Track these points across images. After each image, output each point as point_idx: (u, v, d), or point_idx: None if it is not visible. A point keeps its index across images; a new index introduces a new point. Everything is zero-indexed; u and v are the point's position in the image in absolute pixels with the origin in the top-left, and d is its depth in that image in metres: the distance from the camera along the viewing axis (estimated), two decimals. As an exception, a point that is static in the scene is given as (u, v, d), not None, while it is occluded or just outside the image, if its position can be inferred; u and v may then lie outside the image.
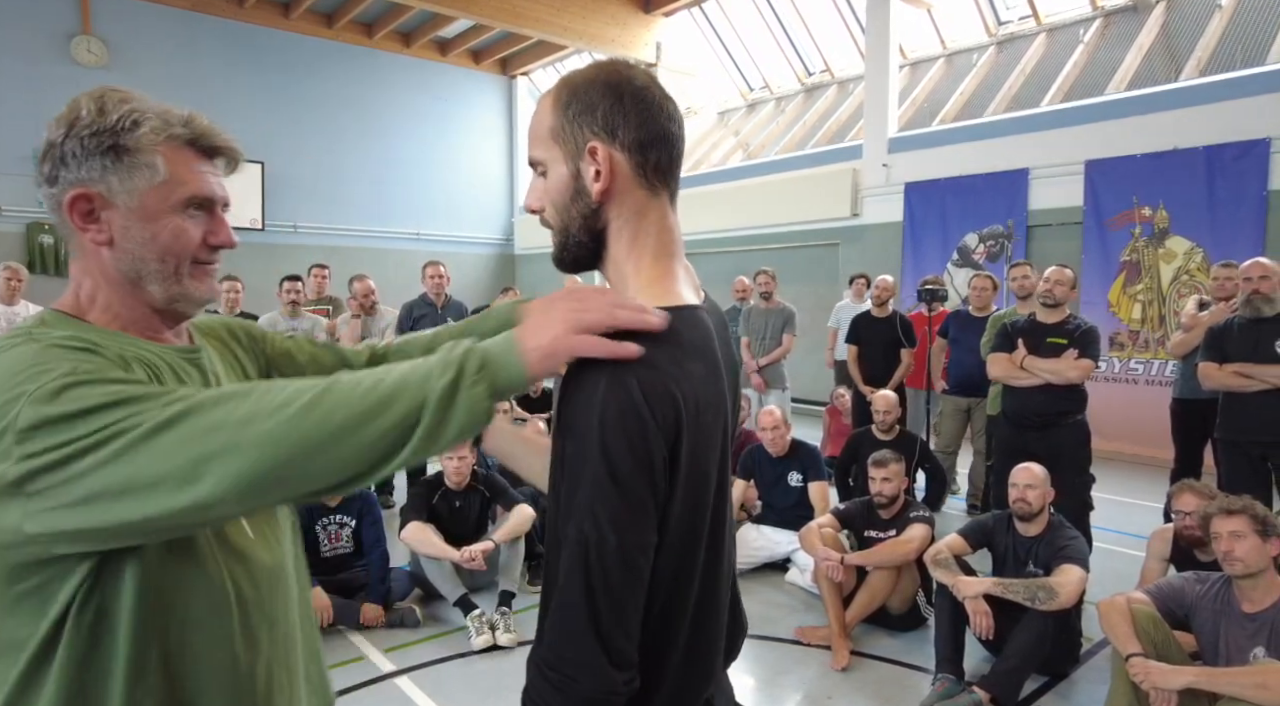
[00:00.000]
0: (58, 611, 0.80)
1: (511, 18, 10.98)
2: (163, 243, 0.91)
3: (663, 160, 0.93)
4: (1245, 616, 2.46)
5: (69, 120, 0.88)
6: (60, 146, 0.88)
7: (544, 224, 0.97)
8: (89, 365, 0.79)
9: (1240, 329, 3.80)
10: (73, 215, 0.89)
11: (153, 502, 0.72)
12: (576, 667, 0.81)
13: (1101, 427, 4.74)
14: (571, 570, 0.81)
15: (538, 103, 0.96)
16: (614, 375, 0.81)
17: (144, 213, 0.90)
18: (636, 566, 0.83)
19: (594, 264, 0.97)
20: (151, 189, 0.89)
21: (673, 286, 0.95)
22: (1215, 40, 7.81)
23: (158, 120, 0.90)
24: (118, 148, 0.88)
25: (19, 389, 0.74)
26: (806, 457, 4.49)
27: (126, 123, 0.88)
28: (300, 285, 5.49)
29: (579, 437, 0.82)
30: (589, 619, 0.81)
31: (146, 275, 0.91)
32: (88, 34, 10.43)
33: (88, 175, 0.88)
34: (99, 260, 0.91)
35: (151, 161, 0.89)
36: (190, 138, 0.93)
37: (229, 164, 0.98)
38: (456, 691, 3.11)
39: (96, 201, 0.89)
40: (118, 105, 0.89)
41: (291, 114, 12.04)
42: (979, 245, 8.50)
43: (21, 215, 9.98)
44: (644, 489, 0.81)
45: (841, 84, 11.84)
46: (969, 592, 3.04)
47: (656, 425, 0.81)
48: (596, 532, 0.80)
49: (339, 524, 3.83)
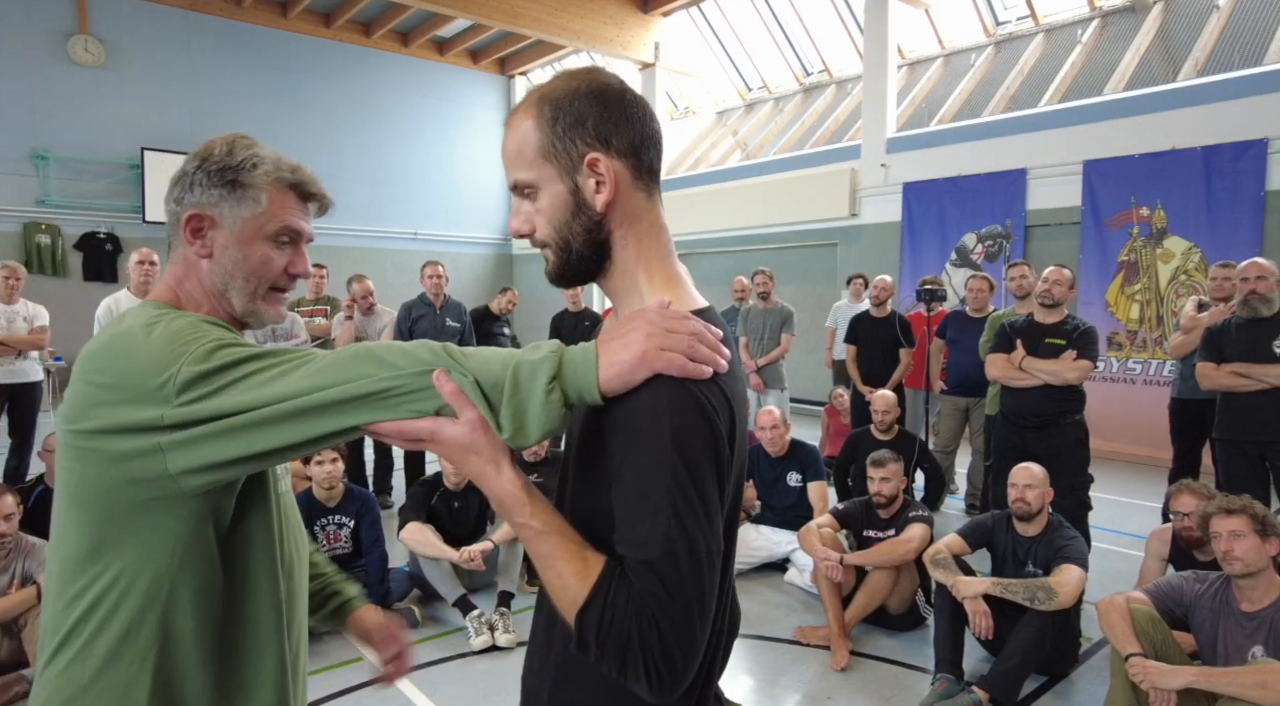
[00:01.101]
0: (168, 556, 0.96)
1: (510, 17, 10.98)
2: (251, 265, 1.07)
3: (654, 161, 0.94)
4: (1244, 615, 2.47)
5: (203, 156, 1.06)
6: (192, 175, 1.05)
7: (536, 245, 0.95)
8: (230, 335, 0.97)
9: (1238, 329, 3.80)
10: (186, 230, 1.06)
11: (277, 431, 0.87)
12: (692, 656, 0.81)
13: (1100, 428, 4.75)
14: (669, 581, 0.79)
15: (511, 122, 0.93)
16: (675, 381, 0.81)
17: (242, 237, 1.06)
18: (715, 566, 0.83)
19: (594, 277, 0.95)
20: (253, 217, 1.06)
21: (688, 289, 0.95)
22: (1213, 41, 7.83)
23: (271, 165, 1.08)
24: (236, 182, 1.05)
25: (183, 348, 0.91)
26: (805, 457, 4.49)
27: (248, 164, 1.06)
28: None
29: (648, 444, 0.80)
30: (700, 624, 0.80)
31: (232, 289, 1.08)
32: (85, 33, 10.42)
33: (206, 199, 1.05)
34: (198, 269, 1.08)
35: (257, 196, 1.06)
36: (294, 182, 1.10)
37: (320, 209, 1.15)
38: (455, 692, 3.10)
39: (207, 221, 1.05)
40: (244, 149, 1.07)
41: (289, 113, 12.03)
42: (977, 245, 8.51)
43: (19, 215, 9.97)
44: (715, 490, 0.82)
45: (840, 84, 11.85)
46: (968, 592, 3.04)
47: (720, 423, 0.82)
48: (685, 539, 0.79)
49: (337, 524, 3.82)
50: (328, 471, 3.73)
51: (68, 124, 10.34)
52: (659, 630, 0.78)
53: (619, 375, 0.81)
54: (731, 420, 0.85)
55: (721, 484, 0.83)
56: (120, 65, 10.64)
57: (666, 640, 0.79)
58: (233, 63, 11.54)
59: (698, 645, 0.81)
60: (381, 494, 5.64)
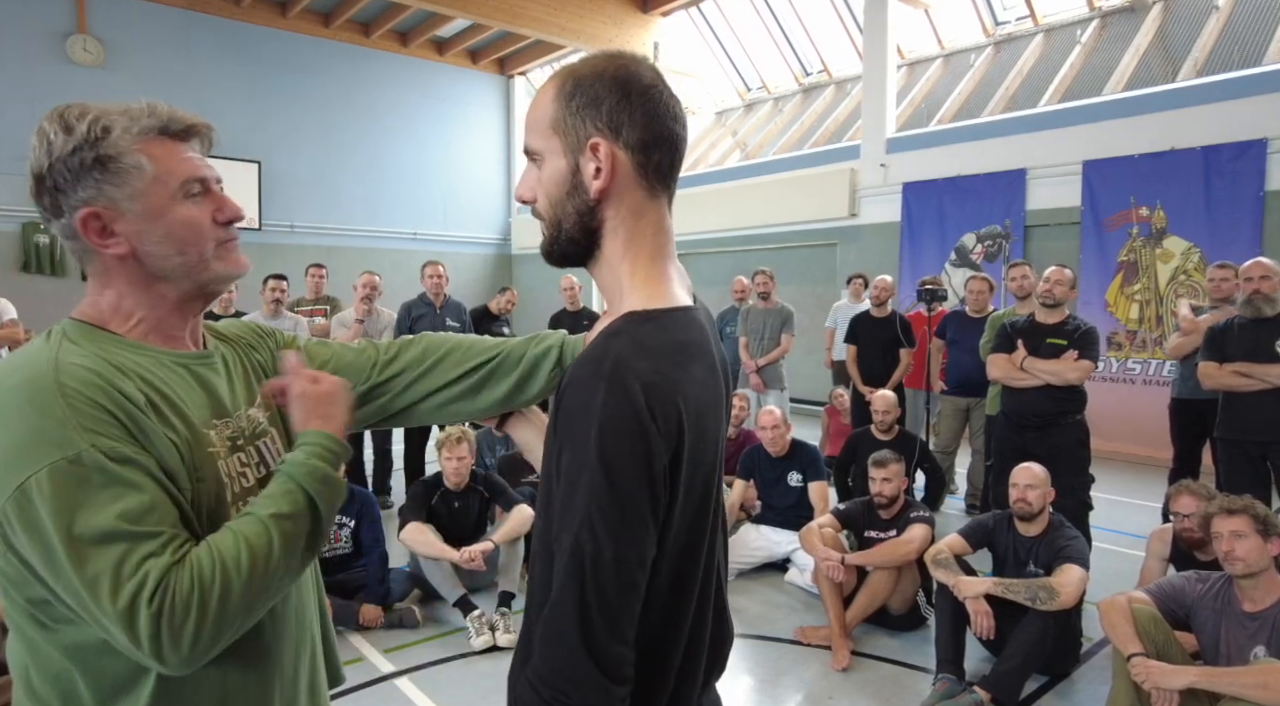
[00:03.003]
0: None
1: (509, 17, 10.97)
2: (178, 235, 0.93)
3: (664, 162, 0.91)
4: (1246, 616, 2.46)
5: (43, 149, 0.90)
6: (49, 175, 0.90)
7: (535, 215, 0.95)
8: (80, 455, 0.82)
9: (1240, 328, 3.80)
10: (89, 236, 0.91)
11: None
12: (571, 684, 0.78)
13: (1100, 427, 4.75)
14: (565, 582, 0.78)
15: (539, 90, 0.93)
16: (614, 379, 0.78)
17: (149, 212, 0.92)
18: (633, 580, 0.79)
19: (583, 261, 0.94)
20: (147, 187, 0.91)
21: (668, 288, 0.92)
22: (1212, 41, 7.83)
23: (124, 119, 0.91)
24: (101, 158, 0.89)
25: (20, 465, 0.81)
26: (806, 458, 4.49)
27: (96, 131, 0.89)
28: (284, 284, 5.44)
29: (577, 444, 0.78)
30: (581, 634, 0.77)
31: (172, 271, 0.94)
32: (83, 33, 10.40)
33: (86, 194, 0.90)
34: (121, 270, 0.94)
35: (136, 161, 0.91)
36: (160, 126, 0.93)
37: (204, 142, 0.99)
38: (456, 692, 3.10)
39: (105, 216, 0.91)
40: (80, 118, 0.89)
41: (288, 113, 12.01)
42: (977, 245, 8.51)
43: (17, 215, 9.95)
44: (644, 500, 0.78)
45: (839, 84, 11.85)
46: (969, 592, 3.04)
47: (659, 432, 0.78)
48: (593, 544, 0.77)
49: (338, 524, 3.81)
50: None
51: (67, 124, 10.32)
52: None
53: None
54: (679, 428, 0.80)
55: (654, 493, 0.78)
56: (119, 65, 10.63)
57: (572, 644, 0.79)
58: (232, 62, 11.52)
59: (605, 649, 0.78)
60: (381, 494, 5.63)
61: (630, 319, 0.87)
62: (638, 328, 0.85)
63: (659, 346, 0.83)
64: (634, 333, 0.84)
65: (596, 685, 0.78)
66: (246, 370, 1.10)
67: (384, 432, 5.58)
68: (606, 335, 0.85)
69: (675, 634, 0.88)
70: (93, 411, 0.84)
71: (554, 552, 0.81)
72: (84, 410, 0.83)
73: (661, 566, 0.84)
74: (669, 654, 0.88)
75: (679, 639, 0.89)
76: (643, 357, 0.80)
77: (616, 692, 0.79)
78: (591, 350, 0.84)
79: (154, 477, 0.86)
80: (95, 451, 0.82)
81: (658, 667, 0.87)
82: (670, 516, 0.82)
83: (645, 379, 0.78)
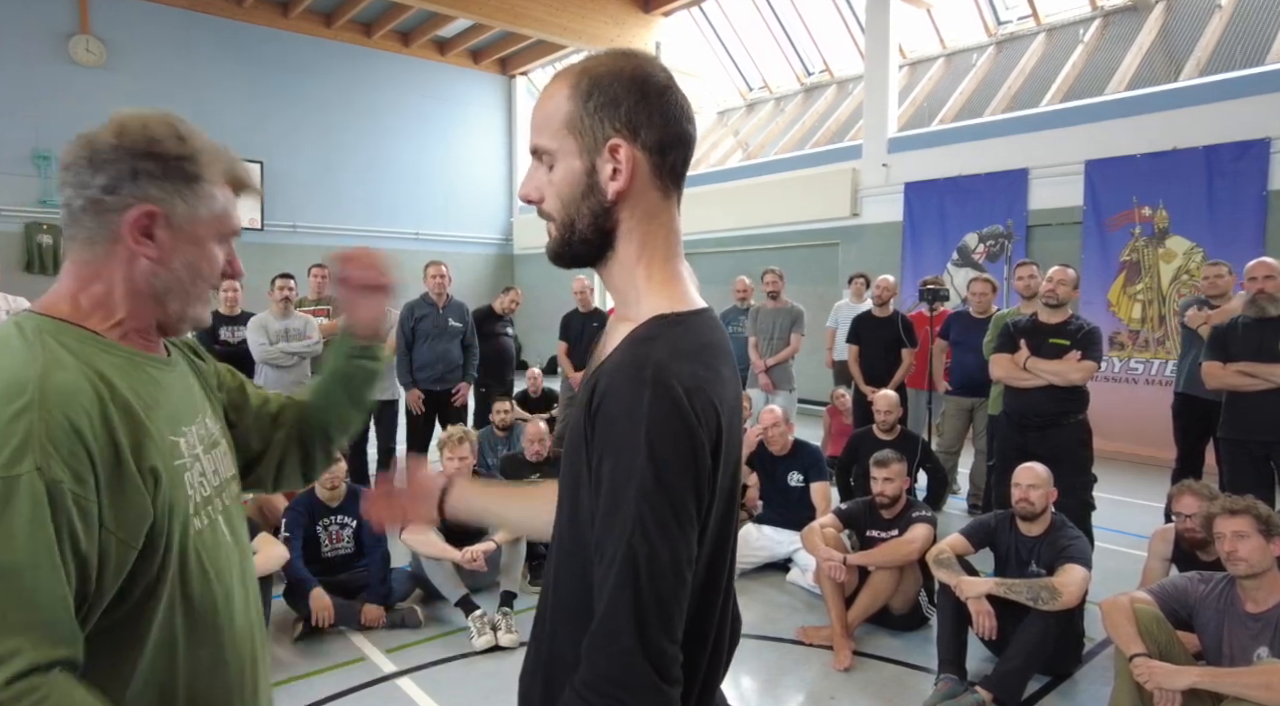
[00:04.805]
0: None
1: (510, 17, 10.98)
2: (199, 266, 0.98)
3: (679, 163, 0.91)
4: (1249, 616, 2.46)
5: (146, 137, 0.91)
6: (132, 159, 0.90)
7: (542, 215, 0.93)
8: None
9: (1245, 328, 3.79)
10: (131, 229, 0.92)
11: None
12: (630, 692, 0.76)
13: (1102, 427, 4.73)
14: (618, 590, 0.77)
15: (548, 88, 0.90)
16: (659, 383, 0.78)
17: (195, 238, 0.97)
18: (686, 578, 0.79)
19: (593, 263, 0.93)
20: (210, 217, 0.97)
21: (686, 290, 0.93)
22: (1215, 40, 7.82)
23: (217, 155, 0.98)
24: (192, 175, 0.94)
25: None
26: (808, 458, 4.49)
27: (205, 156, 0.96)
28: (293, 283, 5.45)
29: (622, 449, 0.78)
30: (639, 638, 0.76)
31: (174, 293, 0.97)
32: (86, 33, 10.42)
33: (158, 194, 0.92)
34: (131, 271, 0.94)
35: (213, 193, 0.97)
36: (238, 177, 1.02)
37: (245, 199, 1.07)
38: (458, 692, 3.10)
39: (158, 220, 0.93)
40: (192, 136, 0.95)
41: (290, 113, 12.03)
42: (978, 245, 8.50)
43: (20, 215, 9.97)
44: (692, 500, 0.79)
45: (841, 84, 11.85)
46: (971, 592, 3.03)
47: (703, 432, 0.79)
48: (648, 548, 0.76)
49: (340, 524, 3.82)
50: (330, 471, 3.72)
51: (69, 124, 10.22)
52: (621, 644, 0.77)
53: None
54: (718, 428, 0.81)
55: (700, 493, 0.80)
56: (121, 65, 10.64)
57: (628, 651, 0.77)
58: (233, 62, 11.54)
59: (662, 651, 0.78)
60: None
61: (660, 323, 0.87)
62: (670, 331, 0.85)
63: (692, 349, 0.84)
64: (668, 336, 0.84)
65: (654, 687, 0.77)
66: (201, 378, 1.12)
67: (387, 431, 5.59)
68: (639, 341, 0.85)
69: (706, 628, 0.89)
70: (67, 441, 0.80)
71: (588, 560, 0.80)
72: (58, 436, 0.79)
73: (698, 563, 0.84)
74: (701, 652, 0.89)
75: (709, 633, 0.89)
76: (681, 361, 0.81)
77: (671, 694, 0.78)
78: (626, 357, 0.83)
79: (77, 543, 0.80)
80: (37, 476, 0.77)
81: (690, 663, 0.87)
82: (709, 516, 0.83)
83: (686, 382, 0.79)
